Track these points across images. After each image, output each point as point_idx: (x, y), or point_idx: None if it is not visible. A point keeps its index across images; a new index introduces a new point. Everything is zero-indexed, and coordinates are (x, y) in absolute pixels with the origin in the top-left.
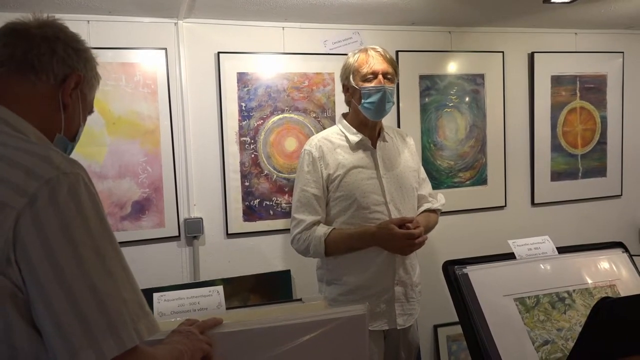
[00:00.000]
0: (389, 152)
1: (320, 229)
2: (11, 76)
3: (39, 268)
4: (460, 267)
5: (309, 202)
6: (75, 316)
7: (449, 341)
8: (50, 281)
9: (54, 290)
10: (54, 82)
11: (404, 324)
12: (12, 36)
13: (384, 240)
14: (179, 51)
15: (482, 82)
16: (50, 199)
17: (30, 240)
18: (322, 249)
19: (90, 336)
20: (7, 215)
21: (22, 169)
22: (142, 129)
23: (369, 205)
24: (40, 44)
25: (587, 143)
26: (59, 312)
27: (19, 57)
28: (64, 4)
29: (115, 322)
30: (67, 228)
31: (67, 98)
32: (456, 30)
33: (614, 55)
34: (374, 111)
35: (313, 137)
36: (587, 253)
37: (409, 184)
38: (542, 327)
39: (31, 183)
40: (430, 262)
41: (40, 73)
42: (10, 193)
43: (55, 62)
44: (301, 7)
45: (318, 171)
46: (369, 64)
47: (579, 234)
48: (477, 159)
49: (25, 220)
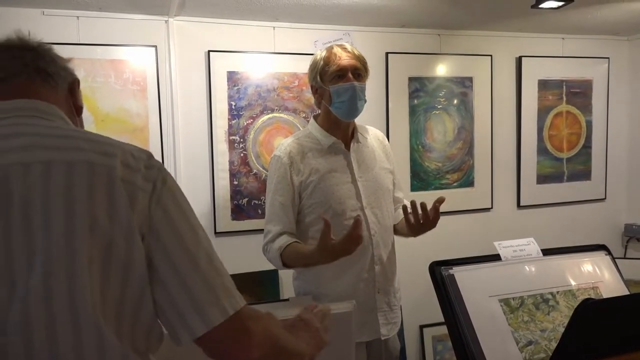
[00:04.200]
0: (364, 153)
1: (278, 242)
2: (35, 82)
3: (167, 241)
4: (447, 268)
5: (275, 211)
6: (200, 278)
7: (434, 341)
8: (177, 250)
9: (181, 258)
10: (66, 88)
11: (387, 334)
12: (14, 50)
13: (329, 258)
14: (169, 49)
15: (471, 85)
16: (165, 183)
17: (158, 219)
18: (279, 263)
19: (214, 294)
20: (143, 197)
21: (142, 161)
22: (131, 126)
23: (345, 212)
24: (43, 54)
25: (572, 147)
26: (186, 276)
27: (32, 65)
28: (54, 0)
29: (228, 284)
30: (181, 206)
31: (79, 102)
32: (445, 33)
33: (600, 61)
34: (345, 111)
35: (283, 142)
36: (571, 255)
37: (385, 185)
38: (526, 327)
39: (151, 172)
40: (417, 263)
41: (56, 79)
42: (139, 179)
43: (61, 70)
44: (292, 7)
45: (287, 178)
46: (335, 62)
47: (564, 237)
48: (465, 161)
49: (153, 201)
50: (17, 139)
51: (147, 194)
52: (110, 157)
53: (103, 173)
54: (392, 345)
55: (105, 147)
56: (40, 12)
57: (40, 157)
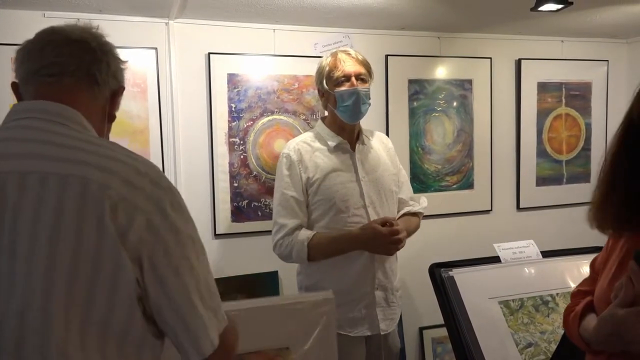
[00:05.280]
0: (368, 155)
1: (303, 234)
2: (81, 86)
3: (163, 272)
4: (447, 270)
5: (289, 205)
6: (192, 312)
7: (434, 343)
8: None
9: (176, 291)
10: (108, 95)
11: (386, 329)
12: (76, 47)
13: (368, 240)
14: (170, 51)
15: (470, 88)
16: (172, 205)
17: (153, 247)
18: (305, 254)
19: (211, 311)
20: (140, 220)
21: (148, 178)
22: (131, 128)
23: (348, 209)
24: (101, 58)
25: (571, 149)
26: (180, 307)
27: (85, 69)
28: (55, 2)
29: (219, 302)
30: (179, 234)
31: (114, 110)
32: (445, 36)
33: (599, 64)
34: (349, 114)
35: (291, 141)
36: (571, 257)
37: (389, 187)
38: (526, 329)
39: (157, 192)
40: (417, 265)
41: (101, 86)
42: (141, 198)
43: (111, 77)
44: (292, 9)
45: (297, 174)
46: (340, 68)
47: (563, 239)
48: (464, 163)
49: (152, 226)
50: (18, 145)
51: (145, 215)
52: (108, 174)
53: (96, 191)
54: (392, 341)
55: (107, 163)
56: (41, 14)
57: (37, 167)
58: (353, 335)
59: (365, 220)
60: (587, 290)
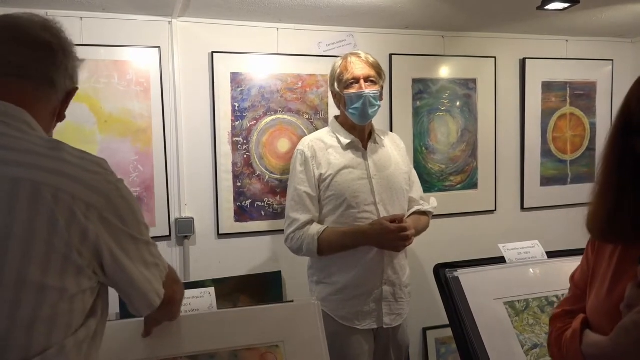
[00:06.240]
0: (380, 153)
1: (314, 228)
2: (37, 88)
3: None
4: (451, 271)
5: (302, 200)
6: (141, 275)
7: (437, 344)
8: (125, 261)
9: (128, 265)
10: (62, 97)
11: (390, 323)
12: (38, 49)
13: (376, 236)
14: (173, 50)
15: (474, 87)
16: (120, 197)
17: (109, 232)
18: (315, 248)
19: (152, 286)
20: (93, 213)
21: (99, 175)
22: (134, 127)
23: (359, 205)
24: (62, 61)
25: (576, 149)
26: (134, 273)
27: (42, 70)
28: (57, 0)
29: (158, 254)
30: (123, 218)
31: (65, 110)
32: (449, 35)
33: (604, 63)
34: (358, 116)
35: (305, 138)
36: (576, 258)
37: (399, 185)
38: (532, 330)
39: (107, 185)
40: (421, 265)
41: (57, 88)
42: (92, 195)
43: (68, 79)
44: (295, 8)
45: (310, 170)
46: (350, 71)
47: (568, 239)
48: (468, 163)
49: (105, 214)
50: None
51: (96, 210)
52: (58, 176)
53: (46, 192)
54: (401, 338)
55: (50, 163)
56: (44, 13)
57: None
58: (361, 328)
59: (375, 217)
60: (573, 310)
